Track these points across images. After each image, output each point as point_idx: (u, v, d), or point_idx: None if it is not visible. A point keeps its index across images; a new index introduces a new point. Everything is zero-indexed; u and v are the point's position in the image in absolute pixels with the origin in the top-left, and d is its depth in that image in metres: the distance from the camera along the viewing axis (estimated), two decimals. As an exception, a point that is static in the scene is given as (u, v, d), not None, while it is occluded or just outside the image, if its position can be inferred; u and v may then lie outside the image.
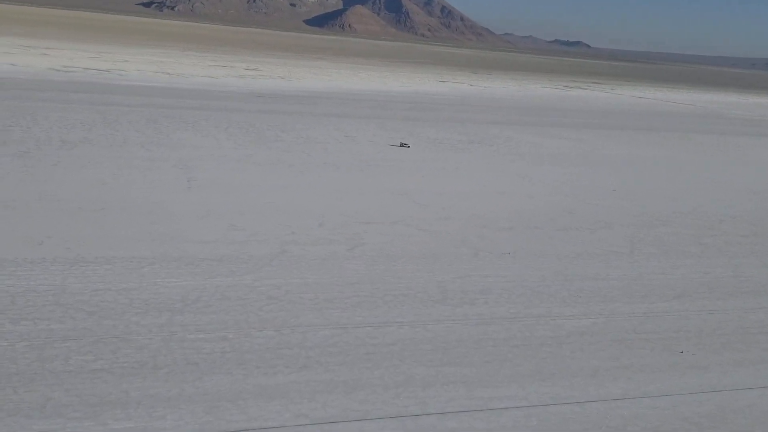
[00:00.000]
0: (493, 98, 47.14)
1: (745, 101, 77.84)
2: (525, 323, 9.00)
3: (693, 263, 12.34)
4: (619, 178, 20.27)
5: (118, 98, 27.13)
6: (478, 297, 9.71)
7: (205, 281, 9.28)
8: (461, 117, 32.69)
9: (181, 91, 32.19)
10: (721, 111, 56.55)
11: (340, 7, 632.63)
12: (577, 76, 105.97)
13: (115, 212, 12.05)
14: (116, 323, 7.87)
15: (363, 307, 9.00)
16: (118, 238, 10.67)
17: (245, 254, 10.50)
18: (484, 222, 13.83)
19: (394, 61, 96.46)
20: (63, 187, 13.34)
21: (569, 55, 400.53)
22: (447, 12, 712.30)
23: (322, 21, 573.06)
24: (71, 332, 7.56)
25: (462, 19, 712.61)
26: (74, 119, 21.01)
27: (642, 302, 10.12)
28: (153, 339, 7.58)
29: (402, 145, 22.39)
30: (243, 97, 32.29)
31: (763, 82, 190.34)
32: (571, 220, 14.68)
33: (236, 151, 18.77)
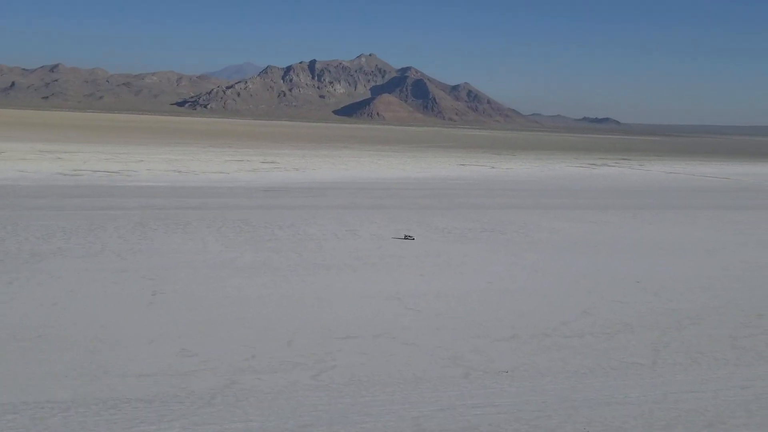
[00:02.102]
0: (513, 180, 45.76)
1: (780, 170, 75.36)
2: (514, 476, 7.12)
3: (728, 375, 10.35)
4: (645, 266, 18.37)
5: (116, 201, 26.26)
6: (459, 439, 7.88)
7: (121, 433, 7.63)
8: (476, 202, 31.21)
9: (186, 189, 31.36)
10: (757, 184, 54.32)
11: (368, 96, 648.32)
12: (605, 153, 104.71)
13: (53, 340, 10.56)
14: (-17, 504, 6.24)
15: (310, 461, 7.24)
16: (41, 376, 9.13)
17: (185, 390, 8.86)
18: (482, 330, 12.05)
19: (417, 147, 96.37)
20: (5, 310, 11.95)
21: (598, 132, 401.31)
22: (473, 96, 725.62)
23: (351, 111, 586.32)
24: None
25: (489, 101, 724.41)
26: (57, 227, 19.95)
27: (665, 437, 8.17)
28: None
29: (406, 237, 20.87)
30: (248, 192, 31.30)
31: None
32: (586, 322, 12.81)
33: (221, 254, 17.38)
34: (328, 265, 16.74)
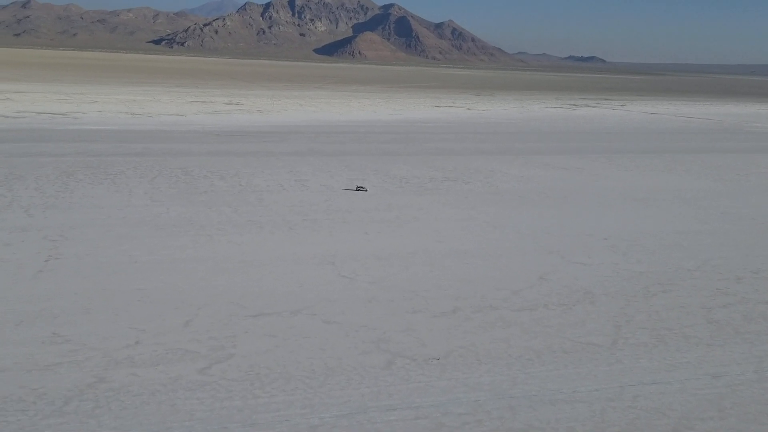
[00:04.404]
0: (488, 123, 43.87)
1: (765, 111, 73.89)
2: None
3: (699, 358, 8.85)
4: (616, 219, 16.81)
5: (51, 146, 24.19)
6: (361, 458, 6.32)
7: (-75, 460, 5.99)
8: (444, 147, 29.42)
9: (134, 133, 29.25)
10: (740, 124, 52.78)
11: (350, 34, 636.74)
12: (587, 93, 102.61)
13: None
14: None
15: (160, 498, 5.65)
16: None
17: (36, 393, 7.20)
18: (421, 302, 10.45)
19: (394, 87, 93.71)
20: None
21: (582, 71, 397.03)
22: (458, 34, 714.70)
23: (332, 49, 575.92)
24: None
25: (473, 40, 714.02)
26: (-31, 177, 17.99)
27: (618, 451, 6.66)
28: None
29: (358, 188, 19.13)
30: (201, 136, 29.26)
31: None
32: (541, 291, 11.24)
33: (144, 209, 15.57)
34: (262, 222, 15.00)
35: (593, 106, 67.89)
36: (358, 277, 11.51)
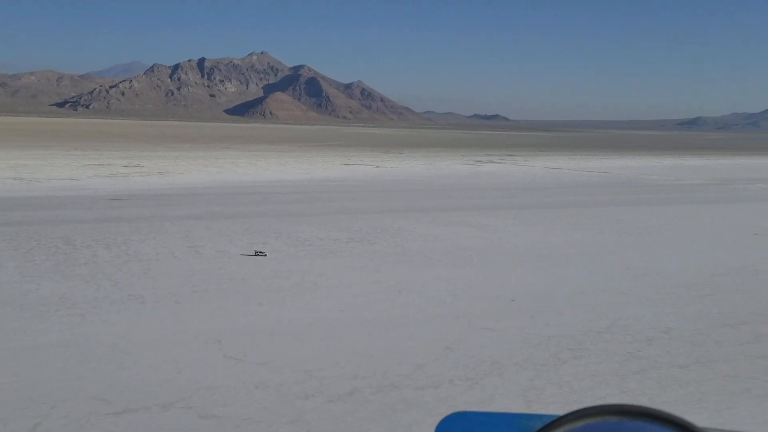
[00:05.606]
0: (396, 180, 43.64)
1: (659, 164, 77.24)
2: None
3: (616, 436, 8.11)
4: (522, 279, 16.28)
5: None
6: None
7: None
8: (351, 206, 28.68)
9: (17, 200, 27.19)
10: (637, 177, 54.62)
11: (261, 95, 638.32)
12: (492, 149, 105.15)
13: None
14: None
15: None
16: None
17: None
18: (315, 385, 9.38)
19: (304, 146, 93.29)
20: None
21: (487, 128, 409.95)
22: (367, 93, 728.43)
23: (243, 110, 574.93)
24: None
25: (382, 99, 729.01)
26: None
27: None
28: None
29: (257, 253, 18.00)
30: (91, 202, 27.47)
31: (672, 142, 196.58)
32: (446, 363, 10.38)
33: (12, 286, 13.94)
34: (145, 296, 13.63)
35: (498, 162, 69.23)
36: (246, 358, 10.35)
